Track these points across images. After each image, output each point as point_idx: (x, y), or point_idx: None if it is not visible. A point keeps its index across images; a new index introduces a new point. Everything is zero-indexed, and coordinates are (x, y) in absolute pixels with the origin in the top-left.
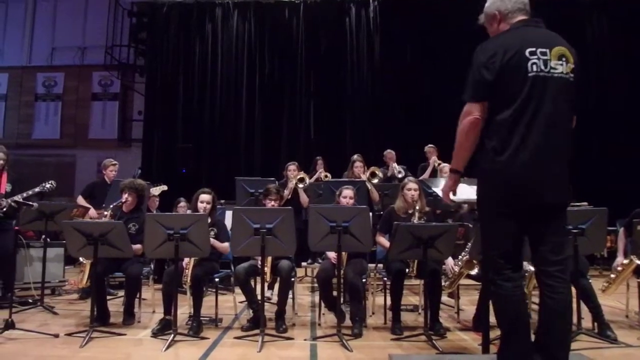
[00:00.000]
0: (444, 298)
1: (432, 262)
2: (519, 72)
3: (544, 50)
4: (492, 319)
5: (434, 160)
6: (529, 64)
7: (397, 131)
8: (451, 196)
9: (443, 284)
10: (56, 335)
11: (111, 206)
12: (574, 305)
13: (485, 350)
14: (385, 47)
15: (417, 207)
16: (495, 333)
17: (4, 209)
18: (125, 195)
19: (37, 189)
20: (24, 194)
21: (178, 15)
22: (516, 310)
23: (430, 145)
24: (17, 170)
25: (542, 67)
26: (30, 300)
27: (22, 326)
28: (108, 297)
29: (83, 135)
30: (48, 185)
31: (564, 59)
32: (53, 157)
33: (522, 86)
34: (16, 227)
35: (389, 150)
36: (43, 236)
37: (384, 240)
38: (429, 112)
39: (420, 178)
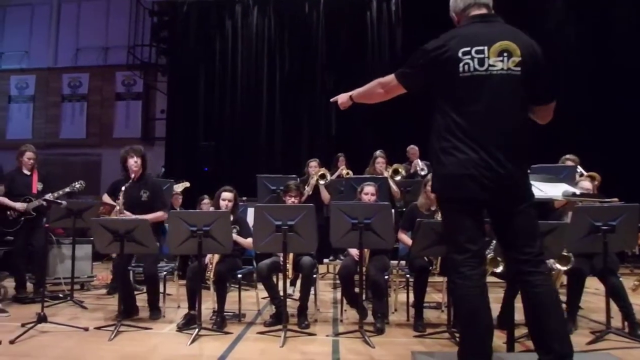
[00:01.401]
0: None
1: None
2: (451, 73)
3: (480, 48)
4: (518, 317)
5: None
6: (461, 65)
7: (420, 127)
8: None
9: None
10: (86, 329)
11: (123, 188)
12: (604, 304)
13: (510, 348)
14: (408, 40)
15: None
16: (520, 331)
17: (37, 207)
18: (132, 161)
19: (67, 189)
20: (55, 194)
21: (198, 13)
22: (471, 310)
23: (412, 145)
24: (46, 170)
25: (477, 67)
26: (60, 295)
27: (54, 320)
28: (136, 293)
29: (108, 135)
30: (78, 186)
31: (505, 55)
32: (79, 156)
33: (455, 88)
34: (46, 225)
35: (412, 146)
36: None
37: (406, 238)
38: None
39: None
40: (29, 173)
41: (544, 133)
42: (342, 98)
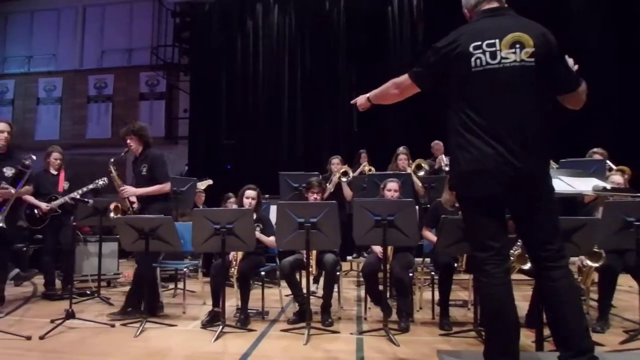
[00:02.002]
0: None
1: None
2: (463, 68)
3: (491, 41)
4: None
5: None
6: (472, 60)
7: (444, 122)
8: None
9: None
10: (112, 325)
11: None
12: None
13: (539, 347)
14: (430, 36)
15: None
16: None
17: (63, 205)
18: (128, 142)
19: (91, 186)
20: (80, 191)
21: (219, 13)
22: (496, 308)
23: (436, 141)
24: (73, 169)
25: (489, 60)
26: (88, 292)
27: (81, 316)
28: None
29: None
30: (101, 182)
31: (517, 46)
32: (105, 155)
33: (468, 83)
34: (73, 223)
35: (436, 142)
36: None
37: (430, 235)
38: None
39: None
40: (55, 172)
41: (567, 126)
42: (361, 100)
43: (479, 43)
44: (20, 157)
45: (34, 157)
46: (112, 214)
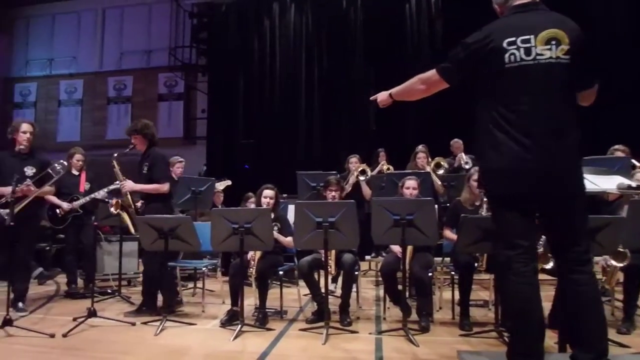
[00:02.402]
0: None
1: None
2: (496, 64)
3: (526, 37)
4: None
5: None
6: (506, 56)
7: (464, 120)
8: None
9: None
10: (133, 324)
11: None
12: None
13: (562, 348)
14: (448, 32)
15: (485, 199)
16: None
17: (84, 204)
18: (132, 140)
19: (111, 187)
20: (101, 191)
21: (236, 13)
22: (523, 308)
23: (456, 139)
24: (93, 170)
25: (524, 56)
26: (109, 291)
27: (103, 314)
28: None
29: None
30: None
31: (553, 43)
32: (125, 156)
33: (501, 80)
34: (94, 223)
35: (456, 140)
36: (119, 230)
37: (450, 234)
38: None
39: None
40: (77, 173)
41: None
42: (382, 96)
43: (513, 39)
44: (42, 158)
45: (65, 164)
46: (112, 209)
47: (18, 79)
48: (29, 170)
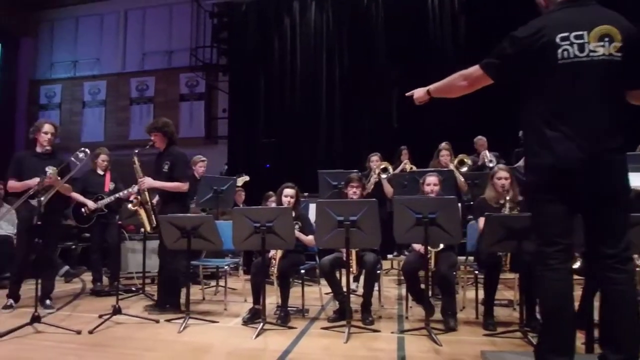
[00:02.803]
0: None
1: (527, 255)
2: (548, 60)
3: (579, 33)
4: (597, 316)
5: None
6: (559, 51)
7: (487, 117)
8: None
9: None
10: (157, 321)
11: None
12: None
13: (589, 349)
14: (471, 29)
15: (509, 197)
16: None
17: (108, 204)
18: (152, 138)
19: (136, 187)
20: (125, 191)
21: (256, 12)
22: (556, 304)
23: (479, 136)
24: (117, 170)
25: (577, 53)
26: (133, 289)
27: (127, 312)
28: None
29: None
30: None
31: (606, 39)
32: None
33: (552, 76)
34: (119, 222)
35: (479, 137)
36: (142, 229)
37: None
38: (518, 97)
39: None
40: (102, 173)
41: None
42: (419, 92)
43: (566, 34)
44: (63, 158)
45: (88, 151)
46: (130, 205)
47: (43, 81)
48: (50, 170)
